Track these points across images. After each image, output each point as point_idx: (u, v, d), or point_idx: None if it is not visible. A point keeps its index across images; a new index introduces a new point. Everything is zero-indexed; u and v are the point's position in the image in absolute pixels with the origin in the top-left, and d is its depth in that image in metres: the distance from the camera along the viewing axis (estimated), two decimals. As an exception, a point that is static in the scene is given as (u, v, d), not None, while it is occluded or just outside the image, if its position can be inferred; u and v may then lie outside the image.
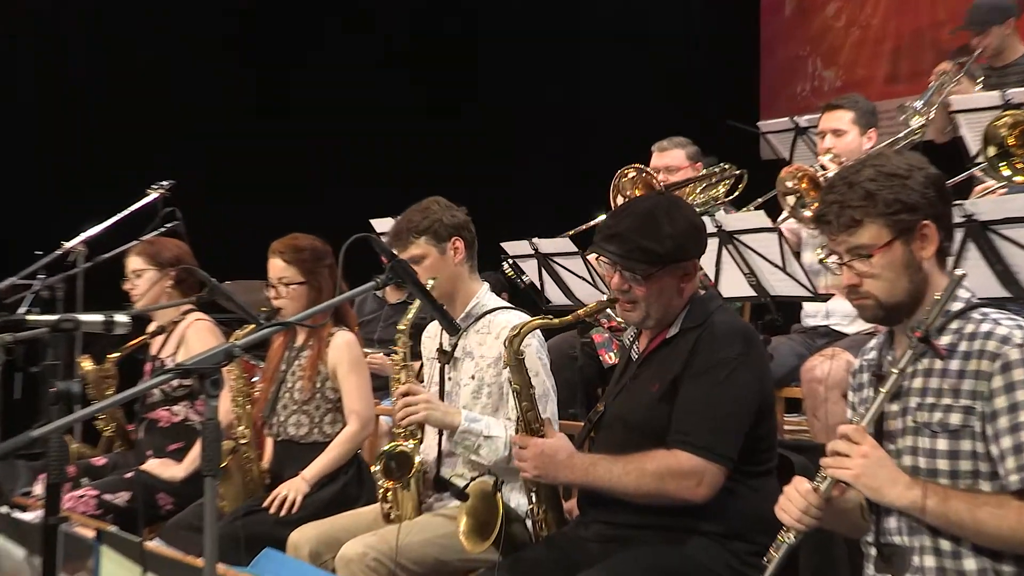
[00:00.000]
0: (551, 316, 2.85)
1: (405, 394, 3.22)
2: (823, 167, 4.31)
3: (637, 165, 4.64)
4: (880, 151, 2.50)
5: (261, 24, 7.91)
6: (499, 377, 3.29)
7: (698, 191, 4.93)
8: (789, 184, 4.21)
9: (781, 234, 3.99)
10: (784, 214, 4.34)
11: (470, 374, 3.33)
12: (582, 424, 3.00)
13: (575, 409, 4.46)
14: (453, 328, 2.82)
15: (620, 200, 4.56)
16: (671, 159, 5.16)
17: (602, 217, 3.77)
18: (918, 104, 4.60)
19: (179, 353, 4.32)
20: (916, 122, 4.50)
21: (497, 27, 8.10)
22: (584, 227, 4.76)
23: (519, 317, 3.31)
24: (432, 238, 3.31)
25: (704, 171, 5.09)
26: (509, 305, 3.46)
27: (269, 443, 4.04)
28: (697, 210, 4.11)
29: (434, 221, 3.31)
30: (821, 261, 2.27)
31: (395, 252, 3.23)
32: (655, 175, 4.68)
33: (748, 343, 2.64)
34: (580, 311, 2.76)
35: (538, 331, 3.01)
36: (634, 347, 2.83)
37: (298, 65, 8.04)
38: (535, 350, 3.15)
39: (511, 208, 6.66)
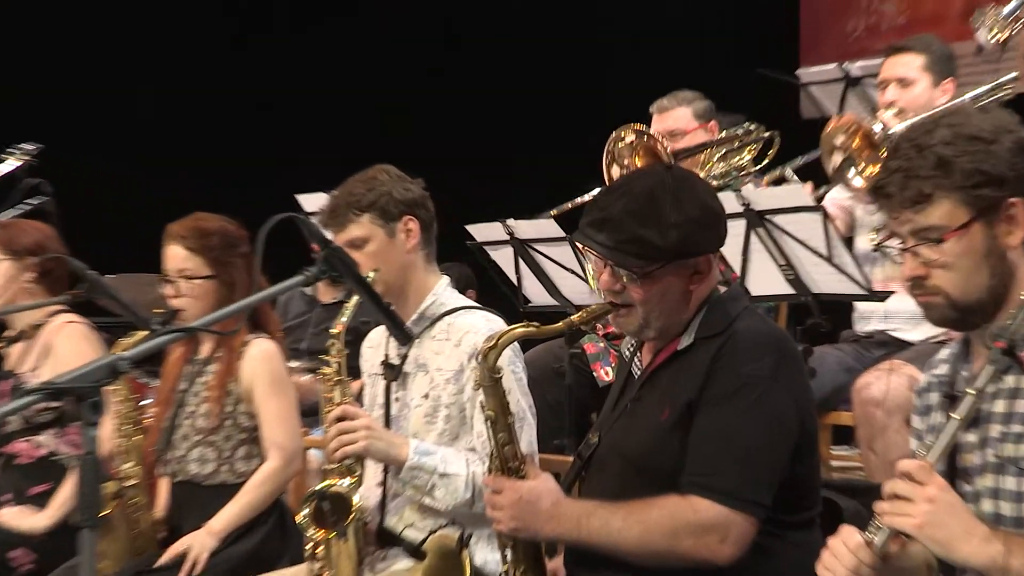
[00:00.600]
0: (535, 323, 2.87)
1: (340, 418, 3.25)
2: (884, 124, 4.33)
3: (637, 125, 4.66)
4: (959, 107, 2.45)
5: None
6: (460, 396, 3.31)
7: (716, 158, 4.92)
8: (839, 140, 4.24)
9: (827, 215, 3.97)
10: (824, 188, 4.36)
11: (423, 392, 3.36)
12: (570, 460, 3.02)
13: (562, 440, 4.47)
14: (404, 335, 2.86)
15: (616, 172, 4.57)
16: (674, 121, 5.16)
17: (596, 191, 3.87)
18: (1006, 10, 4.49)
19: (45, 366, 4.31)
20: (984, 35, 4.43)
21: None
22: (571, 205, 4.79)
23: (488, 321, 3.35)
24: (378, 216, 3.37)
25: (724, 133, 5.08)
26: (475, 305, 3.49)
27: (164, 484, 4.02)
28: (716, 183, 4.53)
29: (381, 195, 3.37)
30: (877, 247, 2.26)
31: (330, 237, 3.29)
32: (659, 139, 4.69)
33: (782, 356, 2.67)
34: (574, 317, 2.78)
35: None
36: (635, 361, 2.86)
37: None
38: (508, 361, 3.18)
39: (482, 182, 6.67)
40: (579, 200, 4.74)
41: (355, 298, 3.27)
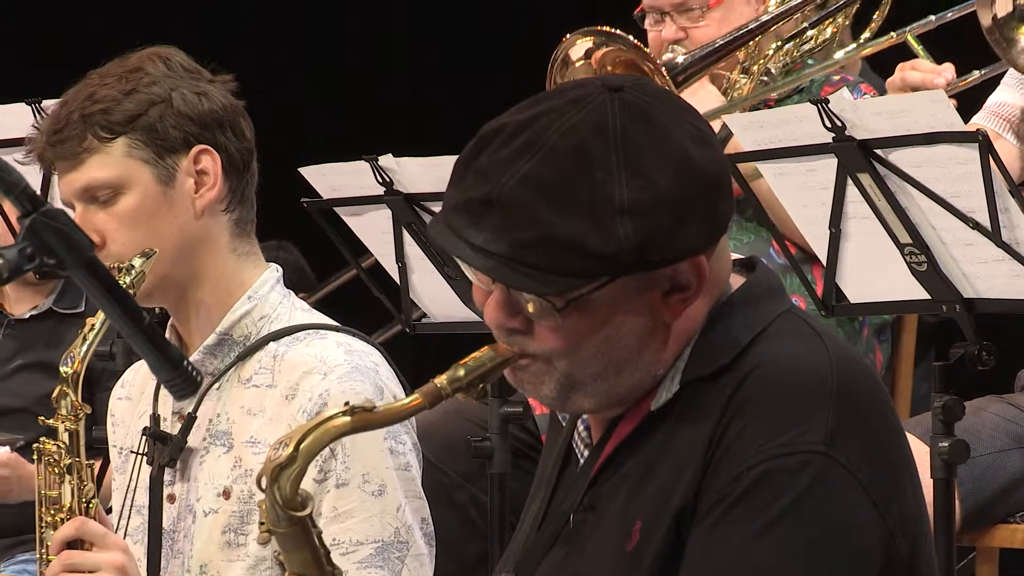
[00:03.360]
0: (367, 404, 2.30)
1: (70, 543, 2.80)
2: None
3: (605, 28, 4.13)
4: None
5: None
6: None
7: (772, 50, 4.28)
8: None
9: (990, 148, 3.22)
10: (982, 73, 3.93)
11: (221, 484, 2.93)
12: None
13: (485, 581, 3.91)
14: (184, 382, 2.37)
15: None
16: None
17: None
18: None
19: None
20: None
21: None
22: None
23: (350, 353, 2.91)
24: (143, 143, 2.95)
25: None
26: (325, 322, 3.05)
27: None
28: (780, 90, 4.32)
29: (151, 103, 2.94)
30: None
31: (38, 190, 2.61)
32: (643, 52, 4.10)
33: (848, 405, 2.16)
34: (441, 379, 2.24)
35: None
36: (579, 431, 2.39)
37: None
38: (379, 442, 2.85)
39: (333, 101, 6.61)
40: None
41: (101, 316, 2.85)
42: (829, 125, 3.26)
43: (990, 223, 3.21)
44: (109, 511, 3.13)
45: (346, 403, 2.25)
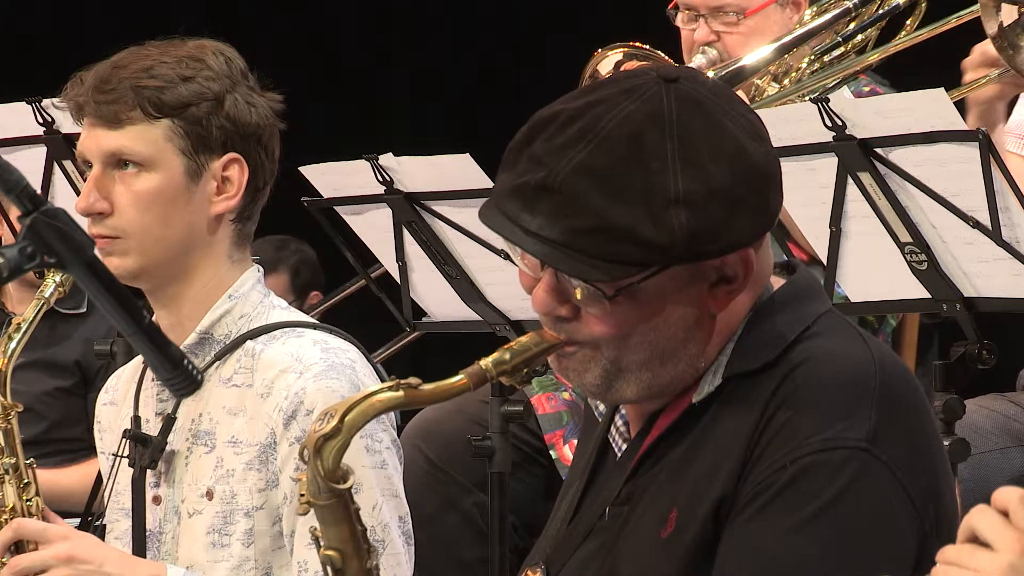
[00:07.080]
0: (411, 380, 2.27)
1: (16, 546, 2.86)
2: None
3: (638, 44, 4.29)
4: None
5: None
6: (271, 494, 2.94)
7: (804, 63, 4.31)
8: None
9: (991, 146, 3.29)
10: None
11: (205, 485, 2.98)
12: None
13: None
14: (183, 378, 2.33)
15: None
16: None
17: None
18: None
19: None
20: None
21: None
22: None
23: (326, 351, 2.96)
24: (186, 134, 3.00)
25: (815, 7, 4.35)
26: (302, 319, 3.11)
27: None
28: (800, 96, 4.28)
29: (203, 97, 2.98)
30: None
31: (39, 190, 2.93)
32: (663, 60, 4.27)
33: (889, 405, 2.21)
34: (486, 361, 2.26)
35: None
36: (617, 423, 2.42)
37: None
38: (364, 445, 2.87)
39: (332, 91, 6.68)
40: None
41: (49, 292, 2.94)
42: (829, 124, 3.29)
43: (990, 222, 3.24)
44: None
45: (392, 377, 2.29)
